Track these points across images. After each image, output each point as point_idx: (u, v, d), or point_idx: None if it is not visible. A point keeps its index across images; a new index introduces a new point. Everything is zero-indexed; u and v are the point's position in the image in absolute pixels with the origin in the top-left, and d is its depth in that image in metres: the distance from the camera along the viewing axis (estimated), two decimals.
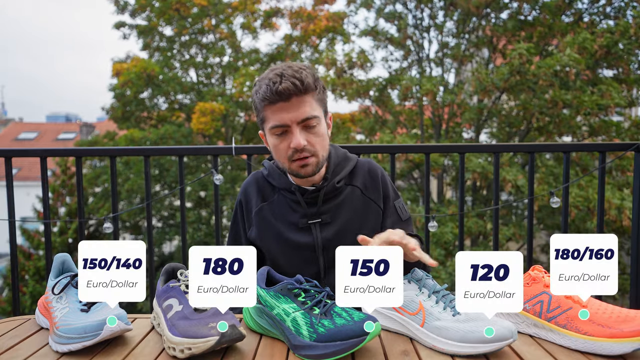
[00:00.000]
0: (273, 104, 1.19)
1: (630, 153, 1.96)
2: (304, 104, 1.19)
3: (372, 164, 1.37)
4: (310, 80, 1.19)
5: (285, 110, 1.18)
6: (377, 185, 1.34)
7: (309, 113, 1.20)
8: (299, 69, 1.19)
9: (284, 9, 12.11)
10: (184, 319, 0.93)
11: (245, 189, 1.37)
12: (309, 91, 1.20)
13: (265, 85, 1.18)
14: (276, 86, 1.16)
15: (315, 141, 1.22)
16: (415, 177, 9.97)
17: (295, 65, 1.21)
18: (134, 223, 11.67)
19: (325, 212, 1.29)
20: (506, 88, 8.15)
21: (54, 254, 1.40)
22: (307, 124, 1.20)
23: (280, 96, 1.17)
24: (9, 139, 22.52)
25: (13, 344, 1.00)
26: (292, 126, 1.19)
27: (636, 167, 1.94)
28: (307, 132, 1.21)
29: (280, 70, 1.19)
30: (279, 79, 1.17)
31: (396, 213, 1.36)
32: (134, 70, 10.72)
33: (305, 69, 1.20)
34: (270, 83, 1.17)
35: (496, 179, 2.00)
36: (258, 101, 1.22)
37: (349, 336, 0.88)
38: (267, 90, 1.17)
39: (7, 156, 1.98)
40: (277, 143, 1.22)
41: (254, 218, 1.32)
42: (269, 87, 1.17)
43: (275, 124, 1.20)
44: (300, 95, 1.18)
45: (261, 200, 1.33)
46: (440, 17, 9.96)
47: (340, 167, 1.32)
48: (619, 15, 8.86)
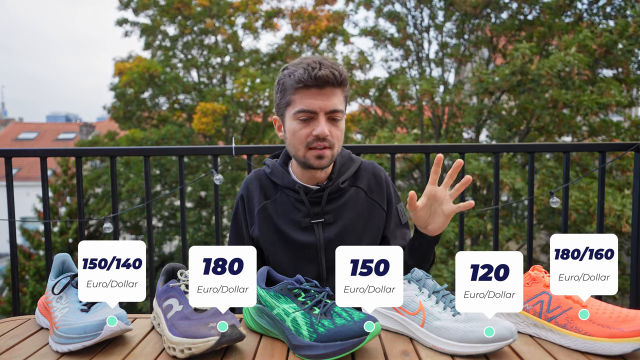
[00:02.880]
0: (307, 88, 1.20)
1: (630, 153, 1.96)
2: (334, 96, 1.21)
3: (376, 167, 1.39)
4: (345, 75, 1.22)
5: (316, 97, 1.20)
6: (381, 188, 1.35)
7: (337, 106, 1.22)
8: (334, 62, 1.22)
9: (285, 9, 12.12)
10: (184, 319, 0.93)
11: (246, 185, 1.37)
12: (342, 85, 1.22)
13: (303, 69, 1.19)
14: (315, 72, 1.17)
15: (336, 134, 1.24)
16: (415, 177, 9.97)
17: (329, 59, 1.23)
18: (134, 223, 11.67)
19: (328, 212, 1.29)
20: (507, 88, 8.14)
21: (54, 254, 1.40)
22: (332, 116, 1.22)
23: (317, 82, 1.18)
24: (9, 139, 22.52)
25: (13, 344, 1.00)
26: (319, 114, 1.21)
27: (636, 167, 1.94)
28: (330, 124, 1.22)
29: (317, 59, 1.21)
30: (319, 66, 1.19)
31: (397, 216, 1.37)
32: (137, 69, 10.71)
33: (338, 65, 1.22)
34: (310, 68, 1.18)
35: (496, 179, 2.00)
36: (290, 83, 1.21)
37: (349, 336, 0.88)
38: (305, 74, 1.18)
39: (7, 156, 1.98)
40: (299, 128, 1.22)
41: (257, 216, 1.32)
42: (307, 71, 1.18)
43: (302, 108, 1.20)
44: (334, 87, 1.20)
45: (264, 198, 1.33)
46: (440, 17, 9.95)
47: (345, 167, 1.33)
48: (618, 15, 8.85)
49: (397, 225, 1.37)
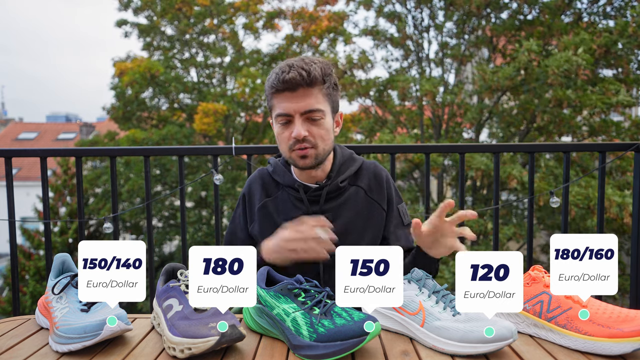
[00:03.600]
0: (280, 92, 1.22)
1: (631, 153, 1.96)
2: (309, 96, 1.21)
3: (378, 167, 1.39)
4: (317, 74, 1.21)
5: (290, 100, 1.21)
6: (381, 188, 1.35)
7: (313, 105, 1.21)
8: (310, 61, 1.22)
9: (286, 9, 12.11)
10: (184, 319, 0.93)
11: (250, 184, 1.38)
12: (316, 84, 1.22)
13: (275, 74, 1.22)
14: (283, 75, 1.19)
15: (317, 133, 1.23)
16: (415, 177, 9.97)
17: (308, 59, 1.23)
18: (134, 223, 11.67)
19: (327, 211, 1.29)
20: (510, 87, 8.11)
21: (54, 254, 1.40)
22: (310, 116, 1.22)
23: (286, 85, 1.19)
24: (9, 139, 22.52)
25: (13, 344, 1.00)
26: (294, 116, 1.22)
27: (636, 167, 1.94)
28: (309, 124, 1.23)
29: (292, 61, 1.22)
30: (288, 69, 1.20)
31: (399, 217, 1.37)
32: (138, 69, 10.71)
33: (317, 63, 1.22)
34: (279, 72, 1.21)
35: (496, 178, 2.00)
36: (267, 89, 1.25)
37: (349, 336, 0.88)
38: (275, 79, 1.21)
39: (7, 156, 1.98)
40: (281, 132, 1.25)
41: (257, 213, 1.33)
42: (277, 75, 1.21)
43: (279, 112, 1.23)
44: (306, 87, 1.20)
45: (265, 196, 1.34)
46: (440, 17, 9.95)
47: (345, 166, 1.33)
48: (618, 14, 8.85)
49: (398, 226, 1.36)
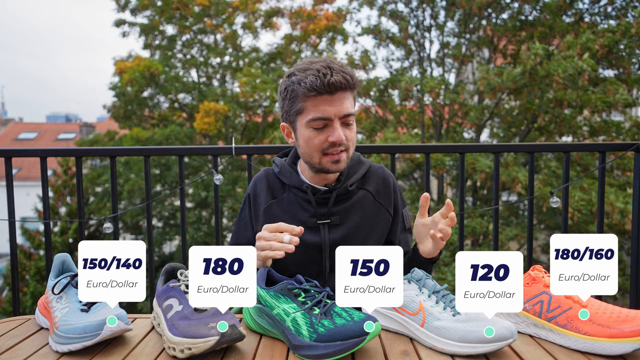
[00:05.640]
0: (319, 95, 1.17)
1: (631, 153, 1.96)
2: (346, 100, 1.20)
3: (386, 171, 1.38)
4: (355, 77, 1.20)
5: (330, 103, 1.18)
6: (389, 193, 1.35)
7: (350, 109, 1.21)
8: (343, 64, 1.20)
9: (284, 8, 12.11)
10: (184, 319, 0.93)
11: (255, 183, 1.36)
12: (354, 88, 1.21)
13: (314, 76, 1.16)
14: (327, 78, 1.15)
15: (350, 137, 1.23)
16: (415, 177, 9.97)
17: (337, 61, 1.21)
18: (134, 223, 11.67)
19: (335, 214, 1.28)
20: (514, 88, 8.10)
21: (54, 254, 1.40)
22: (346, 121, 1.21)
23: (330, 88, 1.16)
24: (9, 139, 22.52)
25: (13, 344, 1.00)
26: (334, 120, 1.19)
27: (636, 167, 1.94)
28: (344, 128, 1.22)
29: (325, 63, 1.18)
30: (329, 72, 1.16)
31: (402, 221, 1.37)
32: (138, 68, 10.71)
33: (347, 66, 1.21)
34: (320, 75, 1.15)
35: (496, 179, 2.00)
36: (302, 91, 1.18)
37: (349, 336, 0.88)
38: (317, 80, 1.15)
39: (7, 156, 1.98)
40: (313, 136, 1.21)
41: (262, 214, 1.32)
42: (319, 78, 1.15)
43: (317, 116, 1.18)
44: (345, 91, 1.19)
45: (271, 197, 1.33)
46: (442, 17, 9.95)
47: (353, 169, 1.33)
48: (620, 15, 8.84)
49: (401, 230, 1.37)
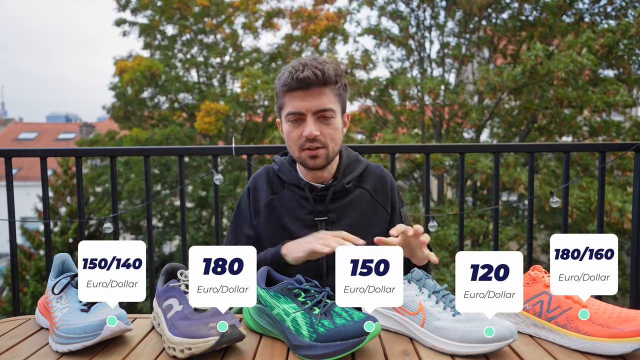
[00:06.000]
0: (292, 91, 1.22)
1: (631, 153, 1.96)
2: (322, 95, 1.22)
3: (384, 171, 1.40)
4: (331, 73, 1.22)
5: (302, 99, 1.22)
6: (386, 192, 1.37)
7: (326, 105, 1.23)
8: (323, 61, 1.23)
9: (285, 8, 12.11)
10: (184, 319, 0.93)
11: (255, 179, 1.39)
12: (329, 84, 1.23)
13: (288, 72, 1.22)
14: (297, 74, 1.20)
15: (328, 133, 1.24)
16: (415, 177, 9.97)
17: (321, 58, 1.24)
18: (134, 223, 11.66)
19: (332, 211, 1.30)
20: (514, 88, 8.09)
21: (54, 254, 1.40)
22: (322, 115, 1.23)
23: (300, 84, 1.20)
24: (9, 139, 22.52)
25: (13, 344, 1.00)
26: (307, 115, 1.22)
27: (636, 167, 1.94)
28: (321, 123, 1.24)
29: (305, 60, 1.23)
30: (302, 68, 1.21)
31: (401, 220, 1.38)
32: (139, 68, 10.71)
33: (329, 63, 1.23)
34: (293, 70, 1.21)
35: (496, 179, 2.00)
36: (279, 87, 1.25)
37: (349, 336, 0.88)
38: (289, 77, 1.21)
39: (7, 156, 1.98)
40: (291, 130, 1.26)
41: (263, 209, 1.34)
42: (291, 74, 1.21)
43: (291, 110, 1.23)
44: (319, 86, 1.22)
45: (271, 193, 1.35)
46: (442, 17, 9.95)
47: (350, 168, 1.35)
48: (620, 14, 8.84)
49: None
